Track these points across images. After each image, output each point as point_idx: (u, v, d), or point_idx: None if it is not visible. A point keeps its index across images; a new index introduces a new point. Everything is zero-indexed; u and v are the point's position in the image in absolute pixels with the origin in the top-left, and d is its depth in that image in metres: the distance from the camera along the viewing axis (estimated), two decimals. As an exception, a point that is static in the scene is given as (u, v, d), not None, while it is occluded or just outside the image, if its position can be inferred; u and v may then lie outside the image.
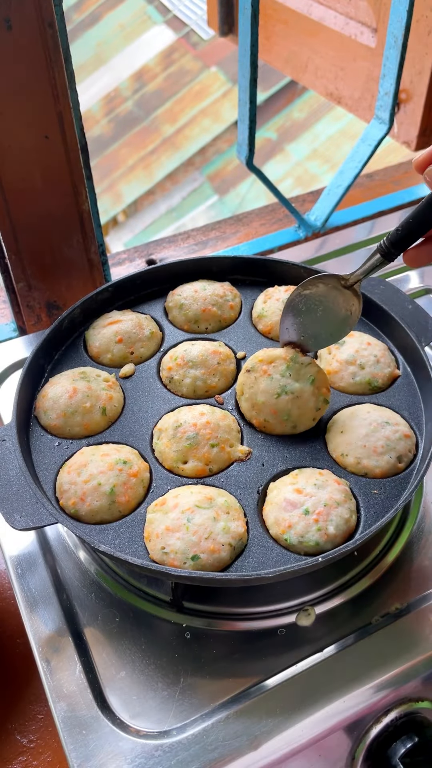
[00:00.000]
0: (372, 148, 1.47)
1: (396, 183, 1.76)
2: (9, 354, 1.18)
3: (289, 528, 0.81)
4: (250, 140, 1.34)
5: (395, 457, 0.89)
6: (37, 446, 0.93)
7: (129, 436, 0.94)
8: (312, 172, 4.41)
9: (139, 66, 5.46)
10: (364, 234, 1.47)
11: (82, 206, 1.17)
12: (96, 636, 0.84)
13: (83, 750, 0.74)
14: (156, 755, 0.73)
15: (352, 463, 0.89)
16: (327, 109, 4.61)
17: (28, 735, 0.92)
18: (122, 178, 4.94)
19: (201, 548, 0.78)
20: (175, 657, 0.82)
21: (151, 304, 1.14)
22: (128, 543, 0.81)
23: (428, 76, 1.51)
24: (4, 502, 0.84)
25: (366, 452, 0.89)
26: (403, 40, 1.28)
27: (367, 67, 1.62)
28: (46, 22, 0.96)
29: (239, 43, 1.23)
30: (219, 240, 1.59)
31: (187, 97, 5.12)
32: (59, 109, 1.04)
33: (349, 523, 0.82)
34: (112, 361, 1.04)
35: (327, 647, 0.82)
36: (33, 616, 0.86)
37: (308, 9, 1.72)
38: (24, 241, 1.16)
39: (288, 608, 0.86)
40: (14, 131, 1.03)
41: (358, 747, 0.78)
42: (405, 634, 0.82)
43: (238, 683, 0.80)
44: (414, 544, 0.92)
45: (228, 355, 1.03)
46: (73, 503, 0.84)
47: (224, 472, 0.89)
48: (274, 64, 1.94)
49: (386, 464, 0.88)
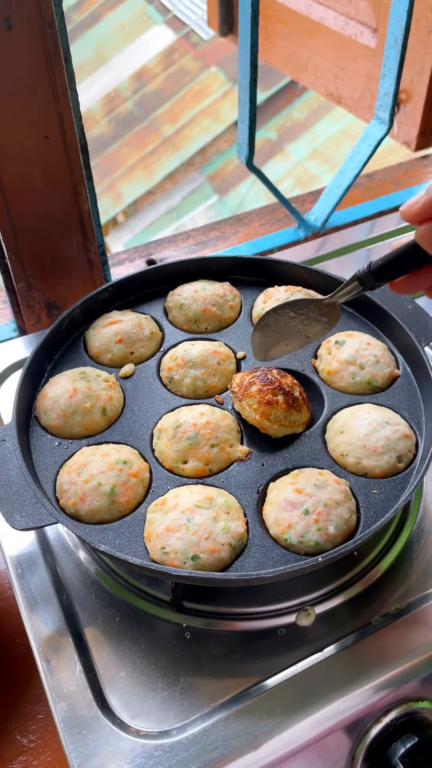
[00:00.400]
0: (372, 148, 1.47)
1: (396, 183, 1.76)
2: (9, 354, 1.18)
3: (289, 528, 0.81)
4: (250, 140, 1.34)
5: (395, 457, 0.89)
6: (37, 446, 0.93)
7: (129, 436, 0.94)
8: (312, 172, 4.41)
9: (139, 66, 5.46)
10: (364, 234, 1.47)
11: (82, 206, 1.17)
12: (96, 636, 0.84)
13: (83, 750, 0.74)
14: (156, 755, 0.73)
15: (352, 463, 0.89)
16: (327, 109, 4.61)
17: (28, 735, 0.92)
18: (122, 178, 4.94)
19: (201, 548, 0.78)
20: (175, 657, 0.82)
21: (151, 304, 1.14)
22: (128, 543, 0.81)
23: (428, 76, 1.51)
24: (4, 502, 0.84)
25: (366, 452, 0.89)
26: (403, 40, 1.28)
27: (367, 67, 1.62)
28: (46, 22, 0.96)
29: (239, 43, 1.23)
30: (219, 240, 1.59)
31: (187, 97, 5.12)
32: (59, 109, 1.04)
33: (348, 523, 0.82)
34: (112, 361, 1.04)
35: (327, 647, 0.82)
36: (33, 616, 0.86)
37: (308, 9, 1.72)
38: (24, 241, 1.16)
39: (288, 608, 0.86)
40: (14, 131, 1.03)
41: (358, 747, 0.78)
42: (405, 634, 0.82)
43: (238, 683, 0.80)
44: (414, 544, 0.92)
45: (228, 355, 1.03)
46: (73, 503, 0.84)
47: (224, 472, 0.89)
48: (274, 64, 1.94)
49: (386, 464, 0.88)
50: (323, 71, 1.77)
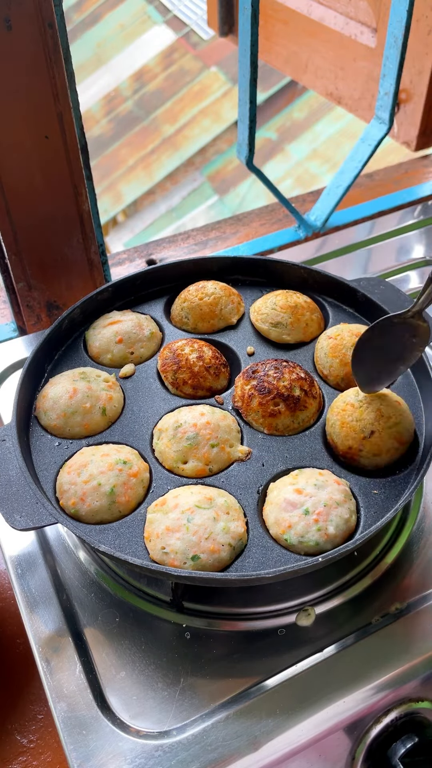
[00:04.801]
0: (372, 148, 1.47)
1: (396, 183, 1.76)
2: (9, 354, 1.18)
3: (289, 528, 0.81)
4: (250, 140, 1.34)
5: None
6: (37, 446, 0.93)
7: (129, 436, 0.94)
8: (312, 172, 4.41)
9: (139, 66, 5.46)
10: (364, 234, 1.47)
11: (82, 206, 1.17)
12: (96, 636, 0.84)
13: (83, 750, 0.74)
14: (156, 755, 0.73)
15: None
16: (327, 109, 4.62)
17: (28, 735, 0.92)
18: (122, 178, 4.94)
19: (201, 548, 0.78)
20: (175, 657, 0.82)
21: (151, 304, 1.14)
22: (128, 543, 0.81)
23: (428, 76, 1.51)
24: (4, 502, 0.84)
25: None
26: (403, 40, 1.28)
27: (367, 67, 1.62)
28: (46, 22, 0.96)
29: (239, 43, 1.23)
30: (219, 240, 1.59)
31: (187, 97, 5.12)
32: (59, 109, 1.04)
33: (349, 524, 0.82)
34: (112, 362, 1.04)
35: (327, 647, 0.82)
36: (33, 616, 0.86)
37: (308, 9, 1.72)
38: (24, 241, 1.16)
39: (288, 608, 0.86)
40: (14, 131, 1.03)
41: (358, 747, 0.78)
42: (405, 634, 0.82)
43: (238, 683, 0.80)
44: (414, 544, 0.92)
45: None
46: (73, 503, 0.84)
47: (224, 472, 0.89)
48: (274, 64, 1.94)
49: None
50: (323, 71, 1.77)
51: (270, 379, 0.94)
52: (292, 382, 0.94)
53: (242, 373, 0.98)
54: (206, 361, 0.99)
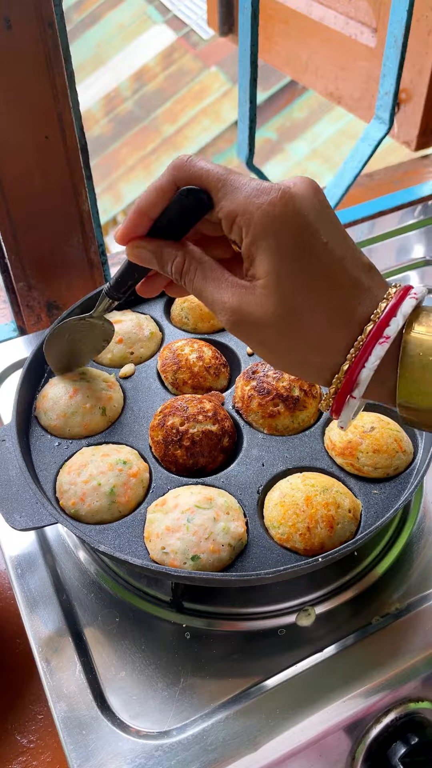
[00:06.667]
0: (372, 148, 1.47)
1: (396, 183, 1.76)
2: (9, 354, 1.18)
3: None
4: (250, 140, 1.34)
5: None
6: (37, 446, 0.93)
7: (129, 436, 0.94)
8: (312, 172, 4.41)
9: (139, 66, 5.46)
10: (364, 234, 1.47)
11: (82, 206, 1.17)
12: (96, 636, 0.84)
13: (83, 750, 0.74)
14: (156, 755, 0.73)
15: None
16: (327, 109, 4.61)
17: (28, 735, 0.92)
18: (122, 178, 4.94)
19: (201, 548, 0.78)
20: (175, 657, 0.82)
21: (151, 304, 1.14)
22: (128, 543, 0.81)
23: (428, 76, 1.50)
24: (4, 502, 0.84)
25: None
26: (403, 40, 1.28)
27: (367, 67, 1.62)
28: (46, 22, 0.96)
29: (239, 43, 1.23)
30: (219, 240, 1.59)
31: (187, 97, 5.12)
32: (59, 110, 1.04)
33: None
34: (112, 361, 1.04)
35: (327, 647, 0.82)
36: (33, 616, 0.86)
37: (308, 9, 1.72)
38: (24, 241, 1.16)
39: (288, 608, 0.86)
40: (14, 131, 1.03)
41: (358, 747, 0.78)
42: (405, 634, 0.82)
43: (238, 683, 0.79)
44: (414, 544, 0.92)
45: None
46: (73, 503, 0.84)
47: (224, 472, 0.89)
48: (274, 64, 1.94)
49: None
50: (323, 71, 1.77)
51: (269, 379, 0.94)
52: (291, 382, 0.94)
53: (242, 374, 0.98)
54: (206, 361, 0.99)
